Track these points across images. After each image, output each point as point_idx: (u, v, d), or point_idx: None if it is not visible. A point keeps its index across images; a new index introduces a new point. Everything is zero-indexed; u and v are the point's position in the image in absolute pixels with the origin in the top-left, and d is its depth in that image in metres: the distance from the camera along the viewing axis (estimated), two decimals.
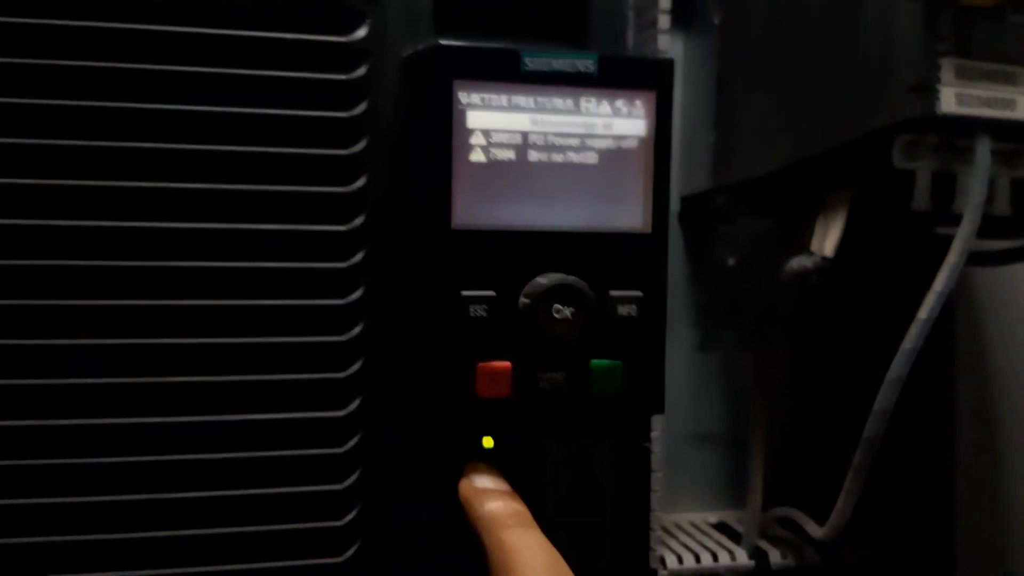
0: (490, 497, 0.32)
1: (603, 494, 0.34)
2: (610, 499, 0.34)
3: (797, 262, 0.50)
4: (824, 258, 0.48)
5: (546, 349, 0.32)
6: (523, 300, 0.32)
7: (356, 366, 0.33)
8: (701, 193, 0.59)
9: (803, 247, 0.50)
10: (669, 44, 0.53)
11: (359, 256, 0.33)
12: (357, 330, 0.33)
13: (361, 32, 0.33)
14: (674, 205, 0.61)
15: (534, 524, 0.32)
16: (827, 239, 0.48)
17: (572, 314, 0.32)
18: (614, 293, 0.34)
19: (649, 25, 0.54)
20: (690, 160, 0.60)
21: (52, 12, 0.31)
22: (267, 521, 0.33)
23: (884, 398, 0.43)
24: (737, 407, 0.62)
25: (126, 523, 0.32)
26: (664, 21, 0.53)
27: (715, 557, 0.56)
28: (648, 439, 0.35)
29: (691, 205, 0.61)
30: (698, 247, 0.61)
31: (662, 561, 0.55)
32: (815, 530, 0.52)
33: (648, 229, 0.34)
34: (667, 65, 0.34)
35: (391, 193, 0.34)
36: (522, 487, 0.33)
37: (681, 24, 0.61)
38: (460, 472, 0.33)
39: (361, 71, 0.33)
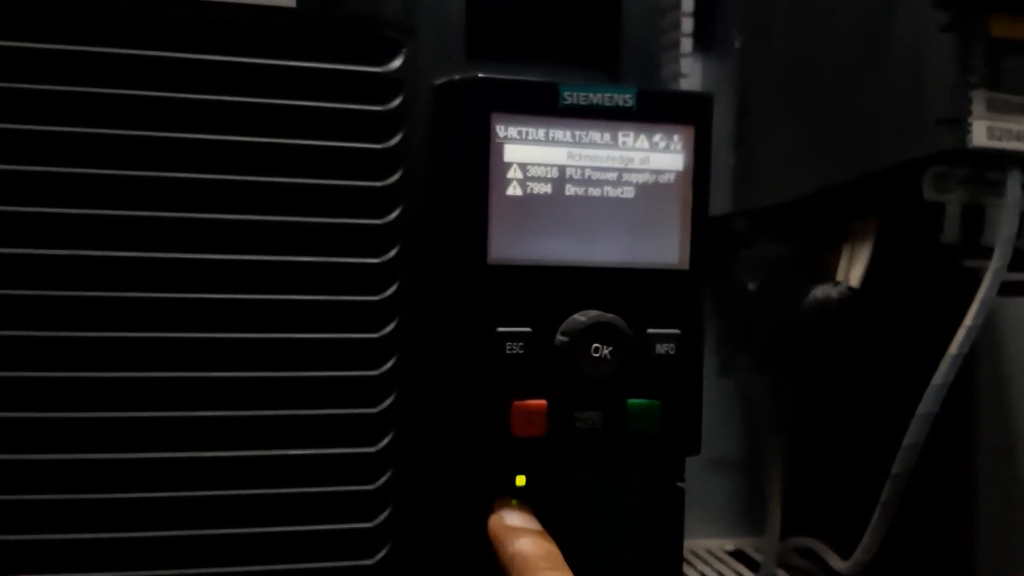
0: (521, 536, 0.32)
1: (636, 534, 0.34)
2: (643, 539, 0.34)
3: (821, 290, 0.50)
4: (850, 288, 0.48)
5: (583, 387, 0.32)
6: (560, 338, 0.32)
7: (389, 401, 0.33)
8: (721, 216, 0.59)
9: (827, 275, 0.50)
10: (691, 67, 0.53)
11: (393, 288, 0.33)
12: (390, 364, 0.33)
13: (397, 62, 0.33)
14: None
15: (566, 567, 0.31)
16: (853, 269, 0.48)
17: (611, 353, 0.32)
18: (652, 331, 0.33)
19: (671, 47, 0.53)
20: (711, 183, 0.60)
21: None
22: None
23: (914, 433, 0.43)
24: (754, 432, 0.62)
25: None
26: (686, 45, 0.53)
27: None
28: (682, 479, 0.35)
29: (711, 228, 0.60)
30: (717, 271, 0.61)
31: None
32: (838, 563, 0.51)
33: (685, 265, 0.34)
34: (707, 99, 0.33)
35: (425, 225, 0.33)
36: (554, 525, 0.32)
37: (701, 46, 0.60)
38: (490, 509, 0.33)
39: (396, 102, 0.32)
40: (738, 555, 0.61)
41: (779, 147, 0.53)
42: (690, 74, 0.54)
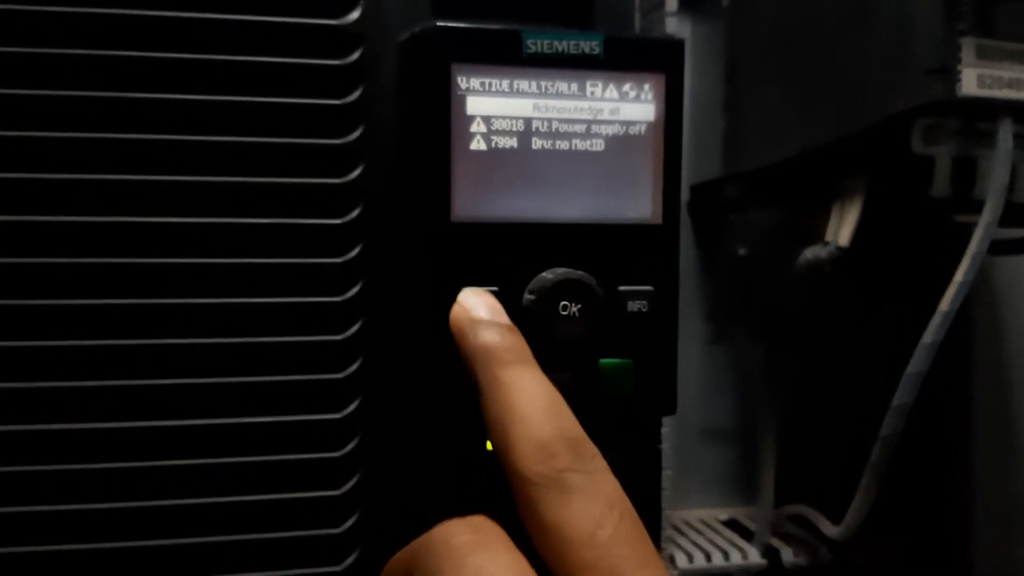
0: (487, 328, 0.29)
1: None
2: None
3: (811, 252, 0.49)
4: (839, 248, 0.47)
5: (553, 348, 0.31)
6: (528, 297, 0.31)
7: (355, 366, 0.32)
8: (711, 181, 0.58)
9: (817, 237, 0.49)
10: (677, 27, 0.52)
11: (356, 251, 0.32)
12: (355, 328, 0.32)
13: (354, 15, 0.31)
14: (683, 194, 0.59)
15: (532, 361, 0.29)
16: (842, 228, 0.47)
17: (580, 311, 0.31)
18: (624, 288, 0.32)
19: (656, 7, 0.52)
20: (700, 148, 0.59)
21: None
22: (262, 529, 0.32)
23: (903, 394, 0.42)
24: (748, 402, 0.61)
25: (110, 530, 0.31)
26: (672, 3, 0.52)
27: (726, 556, 0.55)
28: (659, 440, 0.34)
29: (701, 194, 0.60)
30: (708, 237, 0.60)
31: (672, 560, 0.53)
32: (830, 529, 0.51)
33: (659, 220, 0.32)
34: (677, 46, 0.32)
35: (390, 185, 0.32)
36: None
37: (689, 7, 0.59)
38: (464, 477, 0.31)
39: (355, 56, 0.31)
40: (732, 524, 0.60)
41: (768, 108, 0.52)
42: (677, 34, 0.52)
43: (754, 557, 0.55)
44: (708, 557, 0.55)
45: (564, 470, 0.27)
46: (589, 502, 0.26)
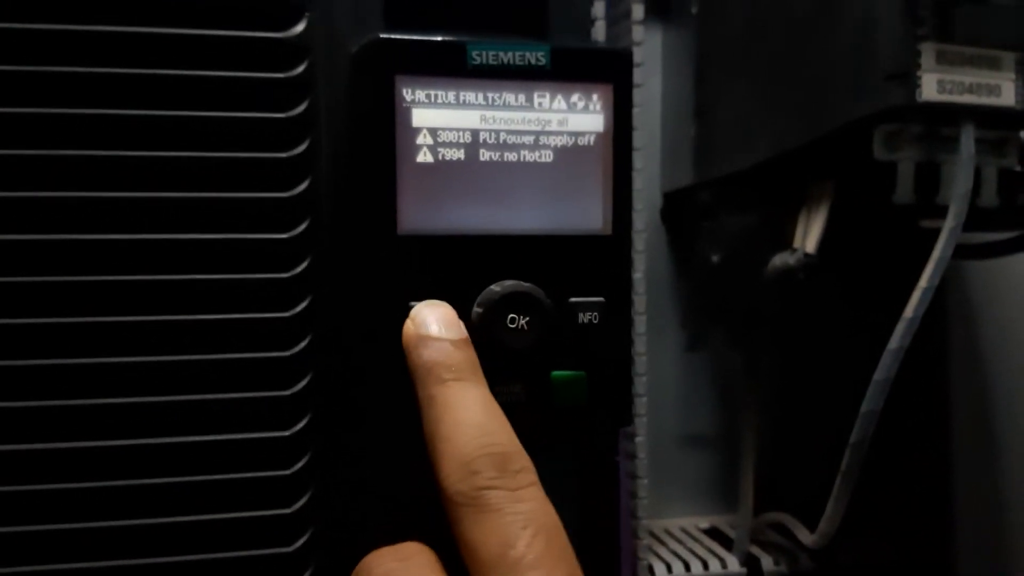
0: (430, 345, 0.29)
1: (570, 511, 0.32)
2: (575, 515, 0.32)
3: (780, 259, 0.49)
4: (807, 254, 0.47)
5: (503, 361, 0.31)
6: (476, 310, 0.31)
7: (304, 382, 0.32)
8: (684, 189, 0.58)
9: (788, 242, 0.49)
10: (644, 35, 0.51)
11: (303, 265, 0.31)
12: (303, 344, 0.32)
13: (299, 27, 0.31)
14: (657, 201, 0.59)
15: (479, 379, 0.29)
16: (809, 235, 0.47)
17: (528, 323, 0.30)
18: (574, 300, 0.32)
19: (624, 16, 0.52)
20: (672, 155, 0.59)
21: None
22: (213, 548, 0.31)
23: (871, 400, 0.41)
24: (727, 408, 0.61)
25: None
26: (638, 11, 0.51)
27: (705, 565, 0.55)
28: (617, 452, 0.33)
29: (674, 201, 0.59)
30: (682, 245, 0.60)
31: (650, 570, 0.53)
32: (806, 537, 0.50)
33: (608, 231, 0.32)
34: (625, 56, 0.32)
35: (339, 198, 0.32)
36: None
37: (658, 14, 0.59)
38: (409, 499, 0.31)
39: (300, 68, 0.31)
40: (712, 532, 0.60)
41: (737, 114, 0.52)
42: (645, 42, 0.52)
43: (733, 566, 0.55)
44: (687, 566, 0.54)
45: (483, 488, 0.26)
46: (502, 521, 0.26)
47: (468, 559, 0.26)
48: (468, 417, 0.28)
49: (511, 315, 0.30)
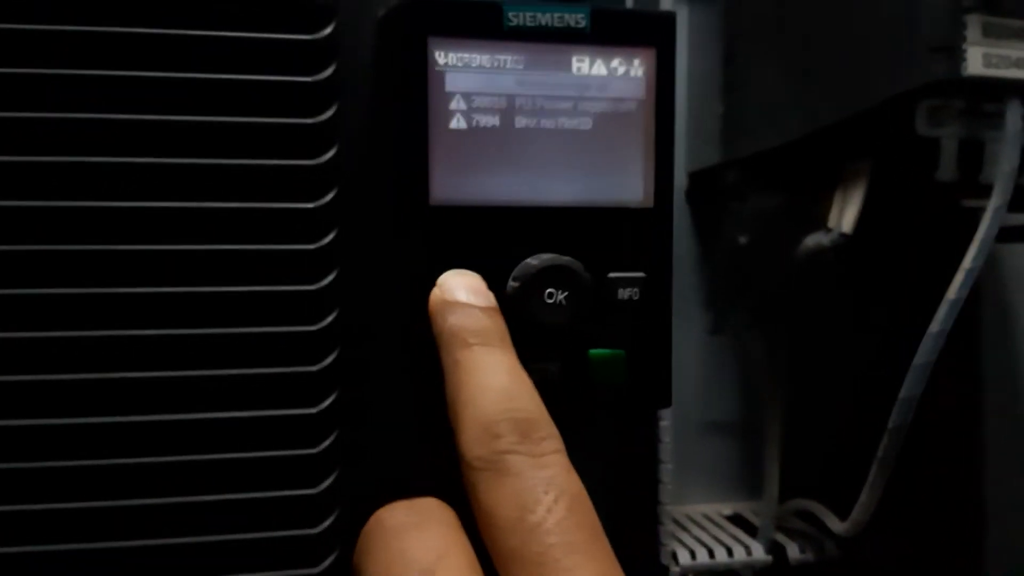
0: (456, 310, 0.28)
1: (605, 490, 0.31)
2: (614, 496, 0.31)
3: (813, 239, 0.48)
4: (842, 235, 0.46)
5: (538, 337, 0.29)
6: (511, 284, 0.29)
7: (331, 358, 0.31)
8: (710, 168, 0.57)
9: (819, 223, 0.48)
10: (672, 6, 0.50)
11: (330, 236, 0.30)
12: (331, 318, 0.30)
13: None
14: (682, 181, 0.59)
15: (507, 345, 0.28)
16: (845, 215, 0.46)
17: (566, 298, 0.29)
18: (613, 275, 0.31)
19: None
20: (698, 133, 0.58)
21: None
22: (238, 529, 0.30)
23: (911, 385, 0.40)
24: (751, 393, 0.60)
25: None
26: None
27: (730, 552, 0.54)
28: (656, 431, 0.32)
29: (700, 181, 0.58)
30: (708, 226, 0.59)
31: (674, 557, 0.52)
32: (836, 524, 0.49)
33: (650, 203, 0.31)
34: (668, 19, 0.31)
35: (367, 167, 0.31)
36: None
37: None
38: (445, 472, 0.30)
39: (327, 31, 0.30)
40: (736, 519, 0.59)
41: (767, 91, 0.51)
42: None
43: (758, 553, 0.54)
44: (711, 553, 0.53)
45: (504, 452, 0.25)
46: (522, 485, 0.25)
47: (484, 526, 0.25)
48: (492, 381, 0.27)
49: (548, 290, 0.29)
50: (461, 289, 0.29)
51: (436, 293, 0.29)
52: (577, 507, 0.25)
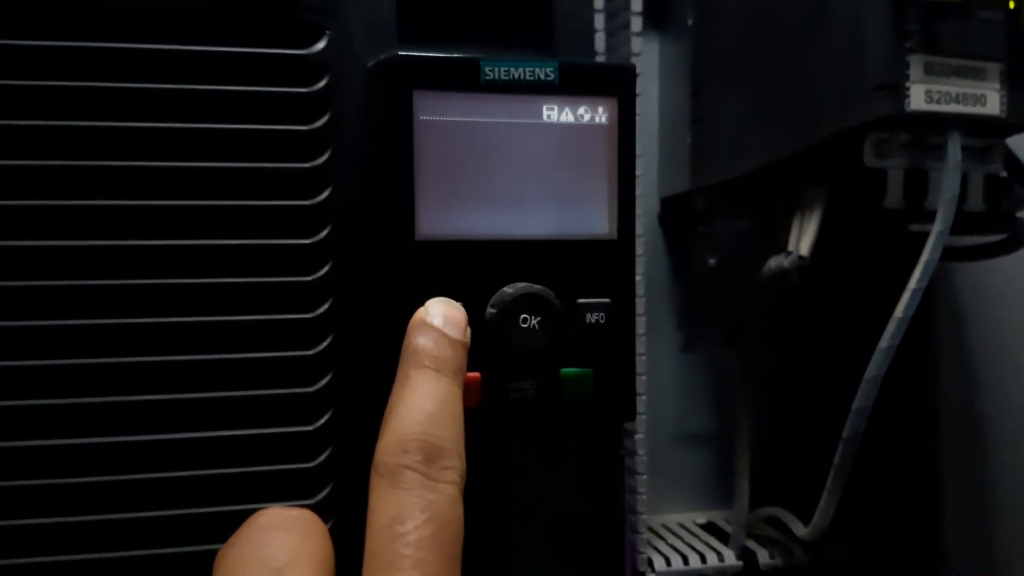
0: (425, 332, 0.30)
1: (575, 501, 0.34)
2: (583, 506, 0.34)
3: (775, 262, 0.50)
4: (800, 257, 0.48)
5: (515, 359, 0.32)
6: (490, 311, 0.32)
7: (325, 381, 0.33)
8: (681, 194, 0.59)
9: (782, 246, 0.50)
10: (642, 47, 0.53)
11: (326, 269, 0.33)
12: (325, 344, 0.33)
13: (320, 44, 0.33)
14: (654, 206, 0.61)
15: (456, 380, 0.30)
16: (803, 238, 0.48)
17: (539, 323, 0.32)
18: (582, 301, 0.34)
19: (622, 28, 0.54)
20: (669, 161, 0.60)
21: None
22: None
23: (862, 397, 0.43)
24: (722, 407, 0.62)
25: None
26: (636, 24, 0.53)
27: (703, 558, 0.56)
28: (622, 446, 0.35)
29: (671, 206, 0.61)
30: (679, 248, 0.61)
31: (650, 563, 0.54)
32: (800, 530, 0.52)
33: (614, 235, 0.34)
34: (629, 71, 0.34)
35: (358, 206, 0.34)
36: (493, 498, 0.33)
37: (655, 26, 0.61)
38: None
39: (322, 83, 0.33)
40: (709, 527, 0.61)
41: (732, 122, 0.53)
42: (643, 53, 0.54)
43: (730, 559, 0.56)
44: (685, 560, 0.55)
45: (404, 466, 0.27)
46: (405, 499, 0.27)
47: (366, 525, 0.27)
48: (424, 405, 0.29)
49: (523, 315, 0.32)
50: (440, 316, 0.31)
51: (419, 312, 0.31)
52: (442, 535, 0.27)
